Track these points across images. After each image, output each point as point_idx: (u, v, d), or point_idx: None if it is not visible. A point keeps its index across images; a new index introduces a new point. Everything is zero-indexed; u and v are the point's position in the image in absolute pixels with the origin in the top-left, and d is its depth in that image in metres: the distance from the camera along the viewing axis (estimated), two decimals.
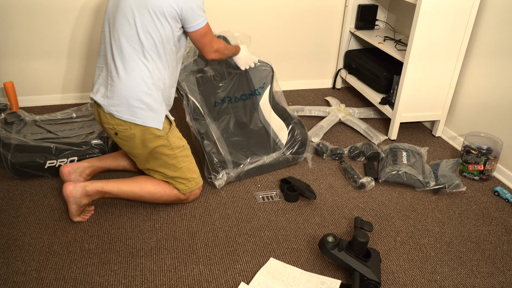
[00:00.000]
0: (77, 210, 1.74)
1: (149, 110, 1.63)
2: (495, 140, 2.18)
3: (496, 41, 2.19)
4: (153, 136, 1.67)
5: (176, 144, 1.74)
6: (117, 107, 1.63)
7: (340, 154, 2.31)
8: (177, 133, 1.77)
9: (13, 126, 2.17)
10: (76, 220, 1.77)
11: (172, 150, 1.73)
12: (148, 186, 1.78)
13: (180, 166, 1.77)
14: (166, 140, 1.70)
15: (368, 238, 1.49)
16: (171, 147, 1.72)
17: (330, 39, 3.14)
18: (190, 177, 1.81)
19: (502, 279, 1.60)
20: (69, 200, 1.69)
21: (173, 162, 1.75)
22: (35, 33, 2.60)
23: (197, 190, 1.88)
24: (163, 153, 1.72)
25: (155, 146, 1.70)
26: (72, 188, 1.68)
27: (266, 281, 1.52)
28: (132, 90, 1.61)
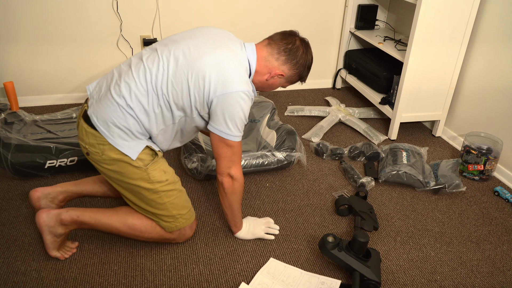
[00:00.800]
0: (54, 242, 1.55)
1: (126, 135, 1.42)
2: (495, 140, 2.18)
3: (496, 42, 2.19)
4: (128, 165, 1.44)
5: (157, 178, 1.49)
6: (99, 113, 1.42)
7: (340, 154, 2.31)
8: (161, 166, 1.51)
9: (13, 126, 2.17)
10: (54, 256, 1.58)
11: (152, 184, 1.48)
12: (128, 220, 1.56)
13: (163, 202, 1.52)
14: (145, 172, 1.46)
15: (368, 238, 1.49)
16: (151, 180, 1.48)
17: (330, 39, 3.14)
18: (176, 213, 1.56)
19: (502, 279, 1.60)
20: (42, 229, 1.53)
21: (153, 197, 1.51)
22: (35, 33, 2.60)
23: (187, 229, 1.63)
24: (141, 186, 1.48)
25: (131, 178, 1.47)
26: (45, 216, 1.51)
27: (266, 281, 1.52)
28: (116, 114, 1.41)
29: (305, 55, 1.54)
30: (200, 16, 2.81)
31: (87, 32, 2.67)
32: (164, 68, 1.40)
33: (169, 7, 2.73)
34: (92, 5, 2.60)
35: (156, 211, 1.53)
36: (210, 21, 2.84)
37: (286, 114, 2.81)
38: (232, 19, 2.87)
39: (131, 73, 1.42)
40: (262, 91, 1.64)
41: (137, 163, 1.44)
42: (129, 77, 1.42)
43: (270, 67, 1.52)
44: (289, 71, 1.55)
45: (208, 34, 1.49)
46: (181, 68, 1.39)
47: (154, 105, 1.41)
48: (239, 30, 2.92)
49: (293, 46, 1.52)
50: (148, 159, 1.47)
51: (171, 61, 1.41)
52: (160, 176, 1.50)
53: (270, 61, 1.52)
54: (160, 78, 1.40)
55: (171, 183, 1.53)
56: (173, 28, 2.80)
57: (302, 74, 1.58)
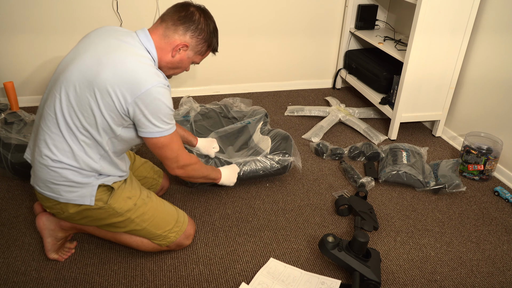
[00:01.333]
0: (54, 245, 1.55)
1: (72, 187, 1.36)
2: (495, 140, 2.18)
3: (496, 42, 2.19)
4: (91, 211, 1.41)
5: (125, 208, 1.43)
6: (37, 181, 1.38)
7: (340, 154, 2.30)
8: (122, 194, 1.44)
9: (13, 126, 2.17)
10: (52, 258, 1.57)
11: (123, 216, 1.44)
12: (123, 237, 1.55)
13: (142, 228, 1.48)
14: (110, 208, 1.41)
15: (368, 238, 1.49)
16: (119, 213, 1.43)
17: (330, 39, 3.14)
18: (161, 232, 1.52)
19: (502, 279, 1.60)
20: (43, 232, 1.53)
21: (132, 226, 1.47)
22: (36, 33, 2.60)
23: (182, 240, 1.58)
24: (115, 222, 1.45)
25: (101, 219, 1.44)
26: (45, 219, 1.52)
27: (266, 281, 1.52)
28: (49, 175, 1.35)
29: (204, 19, 1.42)
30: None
31: (87, 32, 2.67)
32: (66, 103, 1.30)
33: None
34: (92, 5, 2.60)
35: (142, 235, 1.52)
36: None
37: (286, 114, 2.81)
38: (231, 20, 2.87)
39: (41, 128, 1.35)
40: (175, 73, 1.50)
41: (97, 205, 1.39)
42: (41, 133, 1.35)
43: (171, 42, 1.39)
44: (192, 40, 1.41)
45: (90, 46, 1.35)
46: (82, 96, 1.28)
47: (75, 145, 1.32)
48: (238, 30, 2.92)
49: (187, 13, 1.40)
50: (106, 196, 1.41)
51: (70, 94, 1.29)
52: (125, 204, 1.44)
53: (169, 35, 1.39)
54: (68, 116, 1.30)
55: (141, 206, 1.47)
56: None
57: (209, 41, 1.46)
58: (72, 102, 1.29)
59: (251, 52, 3.02)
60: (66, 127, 1.31)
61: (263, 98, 3.06)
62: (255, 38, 2.99)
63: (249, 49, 3.02)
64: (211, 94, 3.08)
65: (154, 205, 1.51)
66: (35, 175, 1.39)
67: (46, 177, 1.35)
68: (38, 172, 1.37)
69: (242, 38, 2.96)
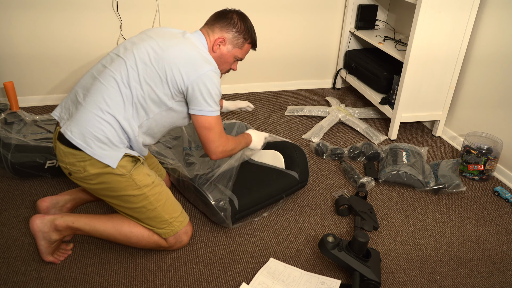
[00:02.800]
0: (48, 248, 1.54)
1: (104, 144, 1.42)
2: (495, 140, 2.18)
3: (496, 42, 2.19)
4: (111, 176, 1.44)
5: (144, 182, 1.49)
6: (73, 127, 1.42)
7: (340, 154, 2.31)
8: (143, 170, 1.52)
9: (13, 126, 2.17)
10: (48, 260, 1.56)
11: (140, 190, 1.49)
12: (124, 227, 1.54)
13: (154, 207, 1.52)
14: (130, 179, 1.46)
15: (368, 238, 1.49)
16: (138, 186, 1.48)
17: (330, 39, 3.14)
18: (169, 218, 1.55)
19: (502, 279, 1.60)
20: (36, 235, 1.51)
21: (144, 203, 1.50)
22: (36, 33, 2.60)
23: (183, 236, 1.61)
24: (130, 194, 1.48)
25: (118, 188, 1.47)
26: (39, 222, 1.50)
27: (266, 281, 1.52)
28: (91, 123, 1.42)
29: (238, 16, 1.61)
30: (200, 16, 2.81)
31: (87, 32, 2.67)
32: (133, 68, 1.46)
33: (169, 7, 2.73)
34: (92, 5, 2.60)
35: (149, 219, 1.53)
36: None
37: (286, 114, 2.82)
38: None
39: (99, 81, 1.46)
40: (223, 70, 1.69)
41: (120, 171, 1.44)
42: (97, 85, 1.46)
43: (212, 39, 1.60)
44: (228, 34, 1.60)
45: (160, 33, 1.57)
46: (151, 65, 1.46)
47: (127, 105, 1.45)
48: None
49: (223, 13, 1.62)
50: (130, 165, 1.47)
51: (138, 61, 1.47)
52: (145, 179, 1.50)
53: (210, 34, 1.61)
54: (132, 77, 1.45)
55: (158, 185, 1.54)
56: None
57: (245, 35, 1.63)
58: (139, 69, 1.45)
59: (251, 51, 3.02)
60: (126, 87, 1.45)
61: (263, 98, 3.06)
62: None
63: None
64: None
65: (166, 191, 1.58)
66: (74, 120, 1.43)
67: (86, 125, 1.41)
68: (79, 120, 1.42)
69: None
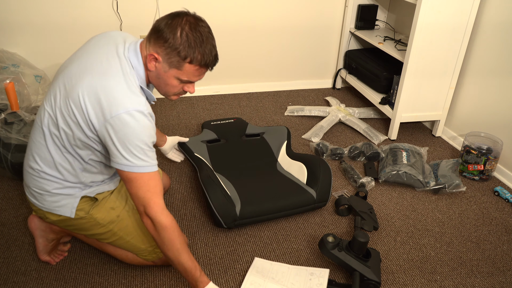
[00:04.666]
0: (45, 246, 1.53)
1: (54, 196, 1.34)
2: (495, 140, 2.18)
3: (496, 42, 2.19)
4: (72, 221, 1.38)
5: (107, 219, 1.39)
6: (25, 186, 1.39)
7: (340, 154, 2.30)
8: (105, 205, 1.40)
9: (13, 126, 2.17)
10: (44, 260, 1.54)
11: (105, 227, 1.40)
12: (108, 247, 1.50)
13: (126, 241, 1.42)
14: (91, 219, 1.37)
15: (368, 238, 1.49)
16: (102, 224, 1.39)
17: (330, 39, 3.14)
18: (148, 246, 1.45)
19: (502, 279, 1.60)
20: (35, 233, 1.51)
21: (115, 238, 1.43)
22: (35, 33, 2.60)
23: None
24: (97, 233, 1.41)
25: (83, 229, 1.40)
26: (37, 220, 1.50)
27: (257, 280, 1.51)
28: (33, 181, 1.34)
29: (183, 25, 1.18)
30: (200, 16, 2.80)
31: (87, 32, 2.67)
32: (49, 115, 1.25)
33: (169, 7, 2.73)
34: (92, 5, 2.60)
35: (128, 249, 1.47)
36: (209, 21, 2.84)
37: (286, 114, 2.81)
38: (231, 19, 2.87)
39: (30, 138, 1.34)
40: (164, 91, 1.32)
41: (78, 215, 1.37)
42: (30, 142, 1.35)
43: (144, 54, 1.24)
44: (160, 50, 1.20)
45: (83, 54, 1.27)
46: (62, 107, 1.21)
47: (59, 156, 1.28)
48: (239, 30, 2.92)
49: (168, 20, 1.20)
50: (88, 206, 1.38)
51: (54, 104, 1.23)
52: (108, 215, 1.40)
53: (147, 46, 1.24)
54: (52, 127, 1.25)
55: (124, 218, 1.42)
56: None
57: (181, 51, 1.18)
58: (56, 112, 1.23)
59: (251, 52, 3.02)
60: (50, 138, 1.27)
61: (263, 98, 3.06)
62: (255, 38, 2.99)
63: (249, 49, 3.02)
64: (211, 94, 3.08)
65: (138, 220, 1.45)
66: (25, 181, 1.41)
67: (30, 184, 1.37)
68: (25, 177, 1.39)
69: (242, 38, 2.96)
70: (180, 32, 1.18)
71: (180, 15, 1.21)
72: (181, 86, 1.29)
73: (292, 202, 1.79)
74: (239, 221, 1.72)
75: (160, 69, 1.24)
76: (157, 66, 1.24)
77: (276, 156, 2.11)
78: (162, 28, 1.19)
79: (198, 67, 1.24)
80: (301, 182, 1.89)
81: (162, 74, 1.25)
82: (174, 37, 1.18)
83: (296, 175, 1.96)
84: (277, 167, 2.05)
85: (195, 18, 1.23)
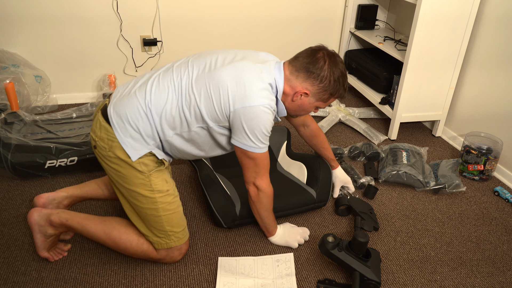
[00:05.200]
0: (44, 242, 1.53)
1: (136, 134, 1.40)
2: (495, 140, 2.18)
3: (496, 42, 2.19)
4: (131, 168, 1.42)
5: (159, 187, 1.45)
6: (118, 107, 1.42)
7: (340, 154, 2.30)
8: (163, 175, 1.48)
9: (13, 126, 2.17)
10: (43, 256, 1.56)
11: (152, 193, 1.45)
12: (114, 233, 1.51)
13: (159, 214, 1.47)
14: (147, 178, 1.43)
15: (368, 238, 1.49)
16: (152, 188, 1.44)
17: (330, 39, 3.14)
18: (169, 230, 1.49)
19: (502, 279, 1.60)
20: (33, 228, 1.52)
21: (151, 207, 1.46)
22: (35, 33, 2.60)
23: (175, 251, 1.54)
24: (140, 193, 1.45)
25: (132, 182, 1.44)
26: (36, 215, 1.51)
27: (229, 280, 1.51)
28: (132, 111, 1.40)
29: (329, 67, 1.42)
30: (200, 16, 2.81)
31: (87, 32, 2.67)
32: (189, 73, 1.42)
33: (169, 7, 2.73)
34: (92, 5, 2.60)
35: (150, 223, 1.48)
36: (209, 21, 2.84)
37: None
38: (231, 19, 2.87)
39: (159, 76, 1.44)
40: (296, 114, 1.57)
41: (140, 167, 1.42)
42: (155, 79, 1.43)
43: (293, 86, 1.45)
44: (312, 87, 1.45)
45: (240, 50, 1.50)
46: (203, 75, 1.39)
47: (172, 106, 1.39)
48: (238, 30, 2.92)
49: (312, 59, 1.43)
50: (153, 165, 1.44)
51: (195, 68, 1.42)
52: (161, 185, 1.46)
53: (292, 80, 1.46)
54: (184, 80, 1.40)
55: (171, 195, 1.49)
56: (173, 28, 2.80)
57: (332, 89, 1.46)
58: (193, 75, 1.40)
59: None
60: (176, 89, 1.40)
61: None
62: (255, 38, 2.99)
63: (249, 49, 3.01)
64: None
65: (178, 203, 1.53)
66: (118, 105, 1.42)
67: (127, 111, 1.39)
68: (125, 103, 1.41)
69: (242, 38, 2.96)
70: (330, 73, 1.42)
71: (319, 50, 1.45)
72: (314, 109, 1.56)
73: (292, 201, 1.79)
74: (239, 221, 1.72)
75: (305, 101, 1.48)
76: (303, 99, 1.47)
77: (276, 156, 2.11)
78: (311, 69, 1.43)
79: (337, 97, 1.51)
80: (301, 182, 1.89)
81: (306, 105, 1.50)
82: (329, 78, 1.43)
83: (296, 175, 1.96)
84: (277, 167, 2.05)
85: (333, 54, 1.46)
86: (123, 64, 2.84)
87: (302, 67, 1.44)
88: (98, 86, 2.87)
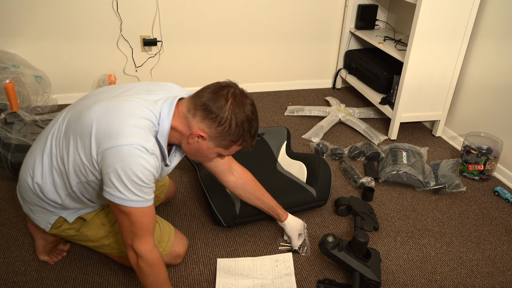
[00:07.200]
0: (45, 247, 1.55)
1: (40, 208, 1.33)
2: (495, 140, 2.18)
3: (497, 41, 2.19)
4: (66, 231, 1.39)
5: (98, 235, 1.39)
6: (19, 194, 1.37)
7: (340, 154, 2.30)
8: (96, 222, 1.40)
9: (13, 126, 2.17)
10: (43, 259, 1.56)
11: (98, 241, 1.41)
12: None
13: (119, 250, 1.43)
14: (83, 235, 1.39)
15: (368, 238, 1.49)
16: (93, 240, 1.40)
17: (330, 39, 3.14)
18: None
19: (502, 279, 1.60)
20: (34, 234, 1.53)
21: (108, 249, 1.44)
22: (35, 33, 2.60)
23: (167, 260, 1.47)
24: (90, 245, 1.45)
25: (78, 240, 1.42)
26: None
27: (229, 281, 1.52)
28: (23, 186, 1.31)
29: (231, 108, 1.15)
30: (200, 16, 2.81)
31: (87, 32, 2.67)
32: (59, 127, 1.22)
33: (169, 7, 2.73)
34: (92, 5, 2.60)
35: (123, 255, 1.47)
36: (209, 21, 2.84)
37: (286, 114, 2.82)
38: (231, 19, 2.87)
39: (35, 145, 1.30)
40: (197, 160, 1.31)
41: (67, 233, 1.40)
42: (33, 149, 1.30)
43: (190, 126, 1.18)
44: (210, 130, 1.17)
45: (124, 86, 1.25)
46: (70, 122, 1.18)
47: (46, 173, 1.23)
48: (239, 30, 2.92)
49: (214, 96, 1.16)
50: (79, 223, 1.39)
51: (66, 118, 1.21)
52: (99, 232, 1.40)
53: (189, 118, 1.18)
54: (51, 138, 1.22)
55: (117, 233, 1.42)
56: (173, 28, 2.80)
57: (233, 135, 1.18)
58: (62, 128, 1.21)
59: (251, 51, 3.02)
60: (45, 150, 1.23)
61: (263, 98, 3.06)
62: (255, 38, 2.99)
63: (249, 49, 3.02)
64: None
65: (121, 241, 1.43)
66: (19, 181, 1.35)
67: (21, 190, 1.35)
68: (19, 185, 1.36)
69: (242, 38, 2.96)
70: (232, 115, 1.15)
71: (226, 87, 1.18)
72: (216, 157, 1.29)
73: (292, 200, 1.79)
74: (239, 220, 1.72)
75: (203, 145, 1.21)
76: (200, 142, 1.20)
77: (276, 156, 2.11)
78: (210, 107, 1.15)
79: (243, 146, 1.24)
80: (301, 181, 1.90)
81: (204, 150, 1.23)
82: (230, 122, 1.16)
83: (296, 174, 1.96)
84: (277, 167, 2.06)
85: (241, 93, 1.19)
86: (123, 64, 2.84)
87: (201, 104, 1.16)
88: (98, 86, 2.87)
